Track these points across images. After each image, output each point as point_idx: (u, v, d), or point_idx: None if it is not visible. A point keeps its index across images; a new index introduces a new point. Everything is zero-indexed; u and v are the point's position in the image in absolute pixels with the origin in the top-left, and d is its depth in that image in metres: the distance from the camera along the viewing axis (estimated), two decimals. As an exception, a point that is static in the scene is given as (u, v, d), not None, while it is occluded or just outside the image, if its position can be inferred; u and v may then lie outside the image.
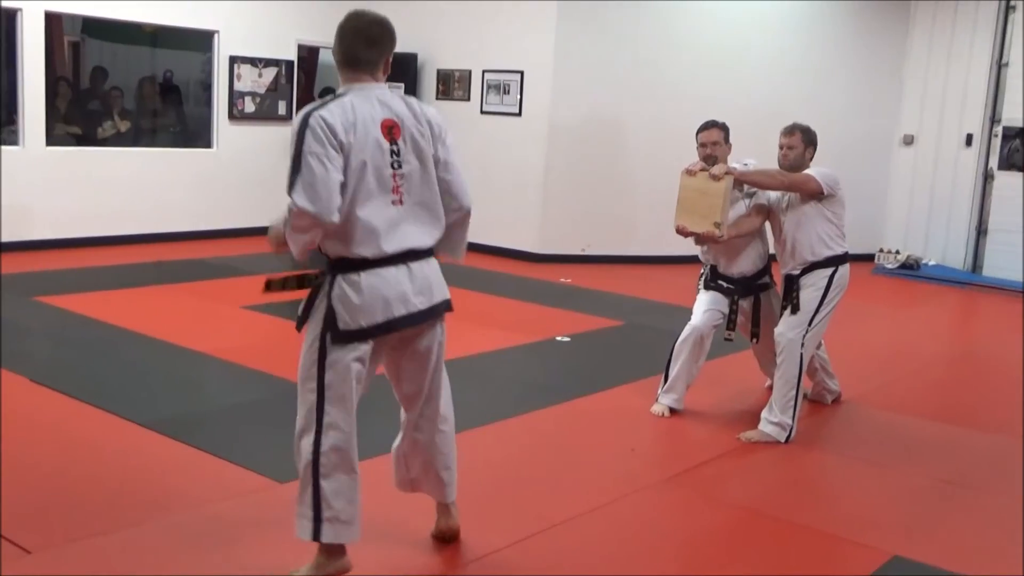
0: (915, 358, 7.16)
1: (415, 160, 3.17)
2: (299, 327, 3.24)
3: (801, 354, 5.01)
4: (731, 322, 5.32)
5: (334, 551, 3.24)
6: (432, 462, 3.62)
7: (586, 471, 4.55)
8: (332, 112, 3.01)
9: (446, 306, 3.43)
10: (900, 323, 8.70)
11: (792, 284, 5.12)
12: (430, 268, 3.31)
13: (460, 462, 4.54)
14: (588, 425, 5.21)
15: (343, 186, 3.02)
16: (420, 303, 3.25)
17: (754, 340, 5.45)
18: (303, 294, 3.39)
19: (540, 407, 5.41)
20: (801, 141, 5.16)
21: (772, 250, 5.38)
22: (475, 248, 10.76)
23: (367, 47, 3.17)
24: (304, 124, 2.99)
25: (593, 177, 10.34)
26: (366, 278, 3.12)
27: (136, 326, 6.55)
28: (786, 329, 5.06)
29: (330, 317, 3.12)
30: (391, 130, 3.11)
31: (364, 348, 3.19)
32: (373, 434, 4.21)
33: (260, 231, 10.55)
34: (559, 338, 6.97)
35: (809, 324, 5.04)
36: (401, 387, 3.55)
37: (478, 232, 11.78)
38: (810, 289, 5.06)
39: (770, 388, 5.32)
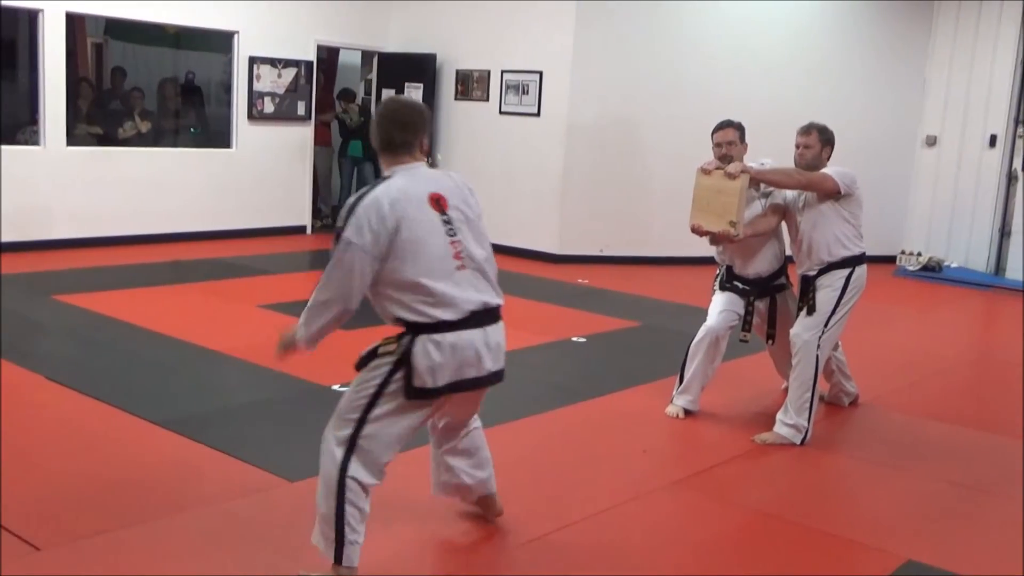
0: (935, 361, 7.08)
1: (466, 228, 3.33)
2: (358, 368, 3.43)
3: (817, 355, 4.96)
4: (747, 323, 5.28)
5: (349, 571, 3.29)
6: (468, 463, 3.76)
7: (599, 472, 4.52)
8: (379, 196, 3.18)
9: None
10: (921, 326, 8.62)
11: (808, 285, 5.07)
12: (501, 333, 3.45)
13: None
14: (602, 426, 5.18)
15: (397, 260, 3.19)
16: (490, 366, 3.39)
17: (770, 342, 5.41)
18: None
19: (555, 407, 5.39)
20: (818, 140, 5.11)
21: (788, 251, 5.33)
22: (494, 249, 10.74)
23: (402, 131, 3.33)
24: (350, 211, 3.17)
25: (611, 178, 10.31)
26: (449, 338, 3.24)
27: (153, 325, 6.57)
28: (802, 330, 5.01)
29: (405, 372, 3.26)
30: (439, 202, 3.28)
31: (427, 409, 3.33)
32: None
33: (278, 231, 10.78)
34: (575, 339, 6.94)
35: (825, 325, 4.99)
36: (442, 422, 3.69)
37: (497, 233, 11.79)
38: (827, 290, 5.01)
39: (786, 390, 5.27)
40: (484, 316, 3.33)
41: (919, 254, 11.14)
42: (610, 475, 4.48)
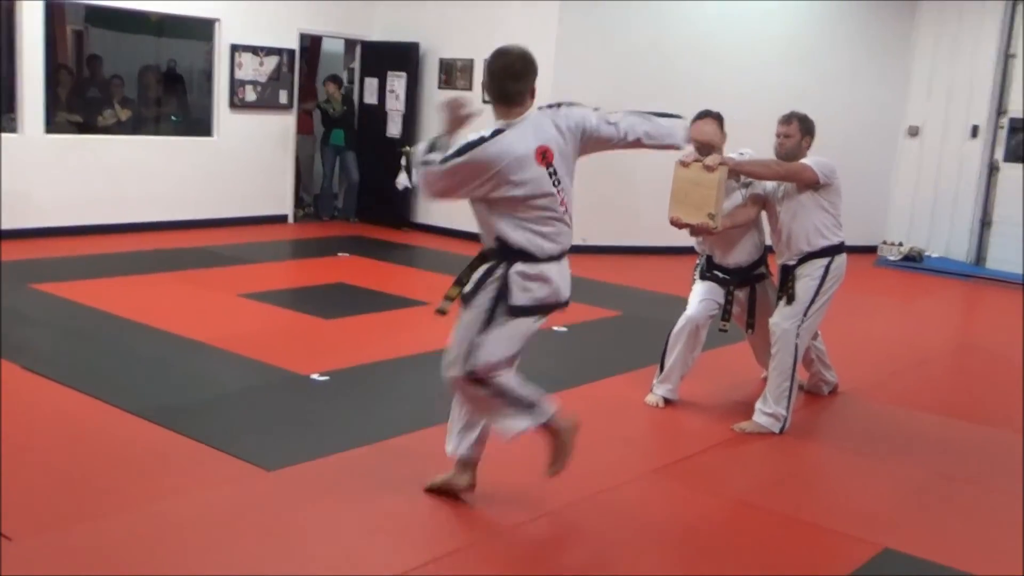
0: (915, 351, 7.11)
1: (567, 177, 3.72)
2: (466, 302, 3.80)
3: (796, 344, 4.97)
4: (727, 312, 5.28)
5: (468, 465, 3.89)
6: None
7: (579, 460, 4.49)
8: (493, 144, 3.55)
9: None
10: (901, 316, 8.65)
11: (788, 274, 5.08)
12: (567, 269, 3.83)
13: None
14: (582, 414, 5.13)
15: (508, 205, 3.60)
16: (564, 296, 3.81)
17: (749, 331, 5.41)
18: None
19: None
20: (798, 130, 5.11)
21: (768, 240, 5.34)
22: (475, 238, 10.68)
23: (514, 82, 3.63)
24: (470, 144, 3.56)
25: (594, 167, 10.16)
26: (535, 270, 3.64)
27: (132, 314, 6.53)
28: (781, 319, 5.02)
29: (503, 293, 3.66)
30: (545, 155, 3.61)
31: (529, 321, 3.77)
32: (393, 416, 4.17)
33: (260, 220, 10.72)
34: (556, 328, 6.93)
35: (804, 314, 4.99)
36: None
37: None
38: (806, 279, 5.02)
39: (765, 379, 5.28)
40: (561, 255, 3.76)
41: (900, 244, 11.19)
42: (590, 463, 4.47)
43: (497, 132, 3.59)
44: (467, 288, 3.78)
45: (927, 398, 5.93)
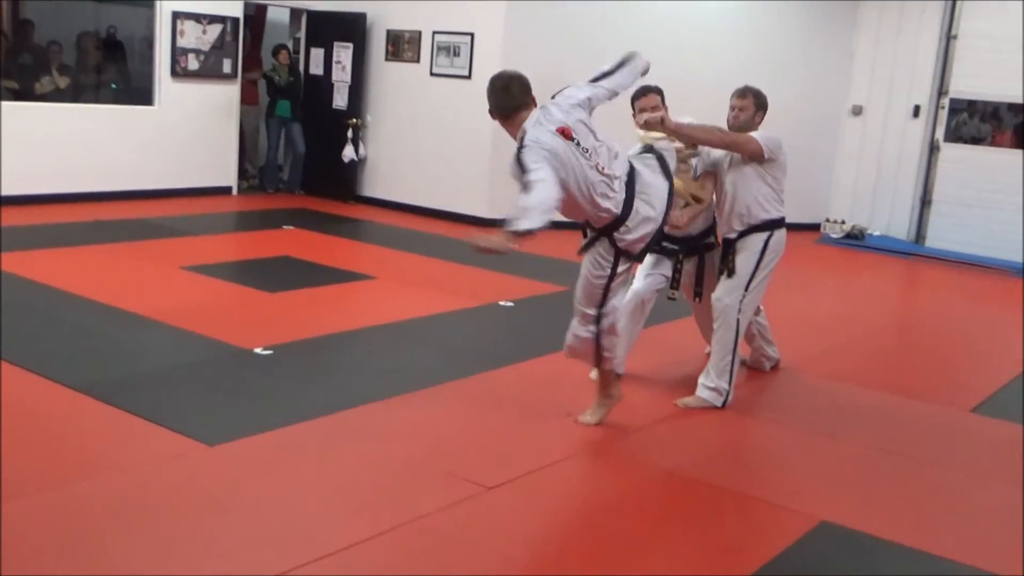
0: (856, 327, 7.23)
1: (591, 139, 4.24)
2: (581, 252, 4.53)
3: (738, 319, 5.02)
4: (675, 282, 5.30)
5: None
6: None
7: (523, 436, 4.54)
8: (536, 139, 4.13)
9: None
10: (843, 292, 8.78)
11: (728, 248, 5.12)
12: (642, 204, 4.38)
13: (397, 426, 4.53)
14: (527, 390, 5.19)
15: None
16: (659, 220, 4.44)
17: (697, 300, 5.45)
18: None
19: (480, 371, 5.38)
20: (752, 104, 5.14)
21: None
22: (422, 212, 10.73)
23: (513, 99, 4.28)
24: (529, 160, 4.09)
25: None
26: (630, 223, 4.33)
27: (71, 287, 6.40)
28: (723, 294, 5.06)
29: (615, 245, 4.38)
30: (564, 134, 4.17)
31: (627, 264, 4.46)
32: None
33: (203, 191, 10.56)
34: (503, 303, 6.94)
35: (746, 288, 5.03)
36: None
37: (426, 196, 11.71)
38: (745, 253, 5.06)
39: (709, 354, 5.33)
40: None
41: (843, 222, 11.34)
42: (534, 439, 4.50)
43: (522, 138, 4.15)
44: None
45: (866, 374, 6.03)
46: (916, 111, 11.10)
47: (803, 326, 7.01)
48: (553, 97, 4.32)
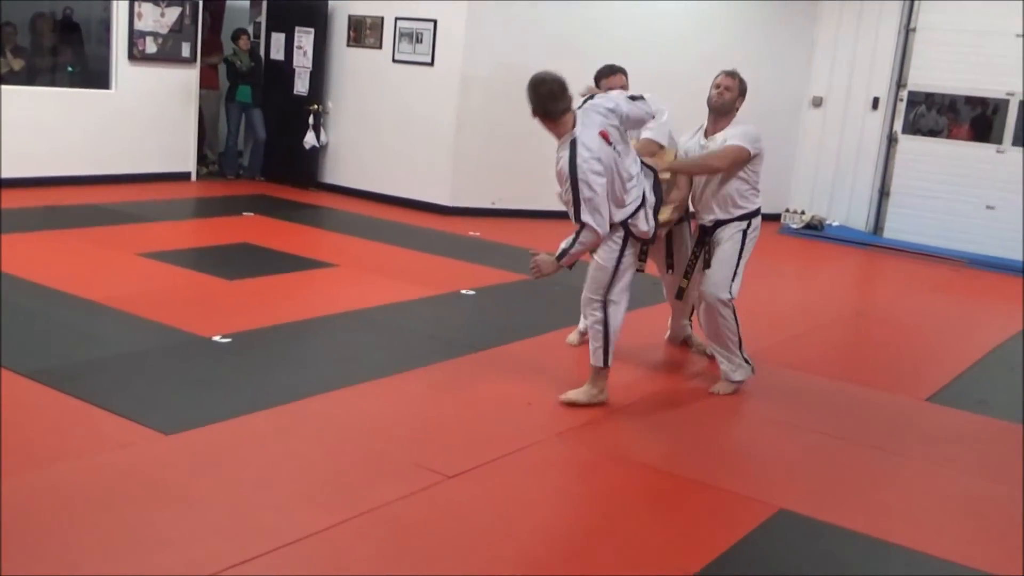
0: (815, 317, 7.29)
1: (623, 142, 4.62)
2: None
3: (732, 307, 5.14)
4: (644, 254, 5.30)
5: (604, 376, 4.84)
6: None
7: (483, 425, 4.52)
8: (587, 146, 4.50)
9: None
10: (802, 282, 8.86)
11: (704, 235, 5.20)
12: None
13: (356, 415, 4.50)
14: (487, 378, 5.18)
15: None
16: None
17: (669, 271, 5.50)
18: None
19: (441, 360, 5.36)
20: (737, 87, 5.17)
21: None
22: (385, 200, 10.66)
23: (557, 102, 4.50)
24: (580, 168, 4.51)
25: (505, 130, 10.24)
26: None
27: (24, 273, 6.28)
28: (714, 291, 5.12)
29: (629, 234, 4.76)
30: (604, 137, 4.53)
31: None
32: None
33: (161, 177, 10.41)
34: (464, 291, 6.91)
35: (733, 278, 5.13)
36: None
37: (387, 184, 11.63)
38: (728, 243, 5.13)
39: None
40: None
41: (803, 212, 11.43)
42: (495, 427, 4.49)
43: (574, 142, 4.49)
44: None
45: (824, 363, 6.08)
46: (875, 103, 11.20)
47: (762, 316, 7.04)
48: (591, 97, 4.73)
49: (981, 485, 4.35)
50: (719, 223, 5.16)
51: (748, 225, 5.17)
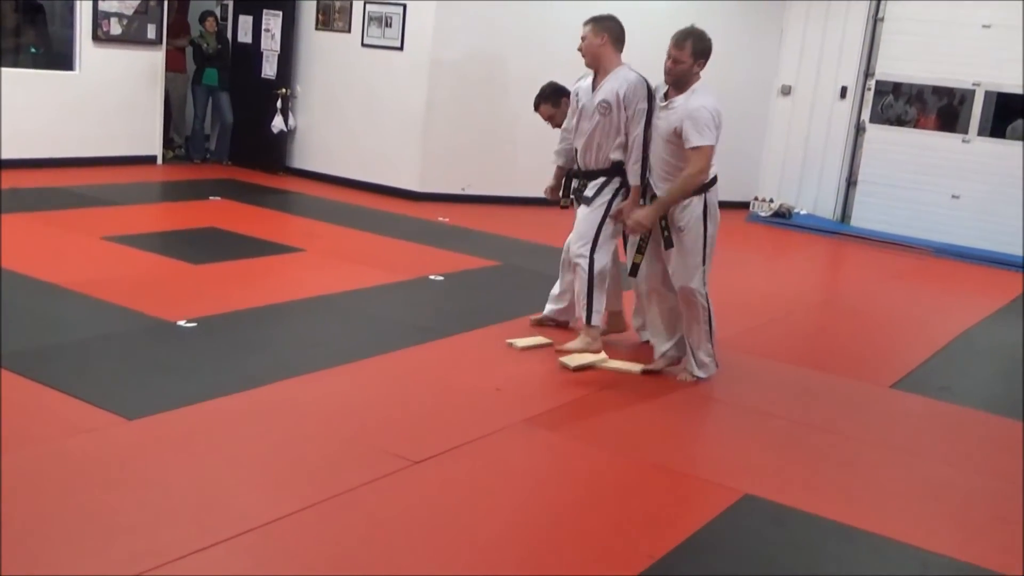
0: (782, 304, 7.33)
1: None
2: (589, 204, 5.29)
3: (705, 294, 5.08)
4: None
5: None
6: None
7: (450, 410, 4.51)
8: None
9: None
10: (770, 270, 8.91)
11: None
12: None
13: (323, 400, 4.47)
14: (456, 364, 5.17)
15: None
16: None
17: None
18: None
19: (408, 345, 5.34)
20: (691, 54, 4.93)
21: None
22: (353, 184, 10.59)
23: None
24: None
25: (475, 116, 10.22)
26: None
27: (-15, 256, 6.20)
28: (684, 280, 5.01)
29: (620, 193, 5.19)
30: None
31: None
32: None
33: (126, 160, 10.29)
34: (432, 276, 6.89)
35: (703, 264, 5.04)
36: None
37: (356, 169, 11.56)
38: (688, 230, 4.95)
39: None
40: None
41: (771, 200, 11.49)
42: (463, 413, 4.48)
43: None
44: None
45: (790, 350, 6.13)
46: (843, 92, 11.27)
47: (729, 303, 7.06)
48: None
49: (943, 471, 4.40)
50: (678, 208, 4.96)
51: (705, 205, 4.95)
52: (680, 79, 4.92)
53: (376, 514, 3.46)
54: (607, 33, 5.29)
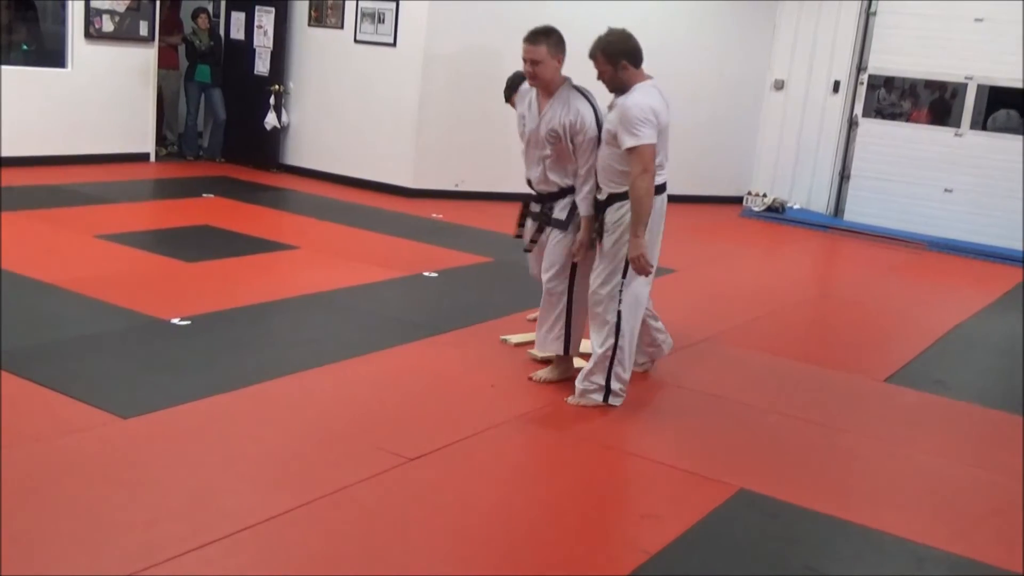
0: (776, 299, 7.34)
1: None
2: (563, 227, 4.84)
3: (619, 311, 4.55)
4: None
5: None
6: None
7: (445, 407, 4.51)
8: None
9: None
10: (764, 264, 8.91)
11: (598, 211, 4.68)
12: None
13: (317, 397, 4.47)
14: (449, 361, 5.16)
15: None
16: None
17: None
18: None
19: (403, 342, 5.34)
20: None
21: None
22: (347, 181, 10.58)
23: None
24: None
25: (468, 112, 10.20)
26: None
27: (-23, 254, 6.18)
28: (599, 284, 4.60)
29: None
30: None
31: None
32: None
33: (119, 157, 10.26)
34: (427, 273, 6.89)
35: (623, 275, 4.53)
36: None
37: (350, 165, 11.54)
38: (611, 235, 4.55)
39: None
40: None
41: (764, 195, 11.49)
42: (457, 410, 4.48)
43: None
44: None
45: (785, 344, 6.13)
46: (836, 86, 11.28)
47: (725, 298, 7.10)
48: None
49: (938, 464, 4.41)
50: (613, 197, 4.58)
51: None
52: (613, 85, 4.59)
53: (372, 511, 3.46)
54: (550, 48, 4.68)
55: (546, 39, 4.69)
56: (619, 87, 4.57)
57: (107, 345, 4.90)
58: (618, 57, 4.54)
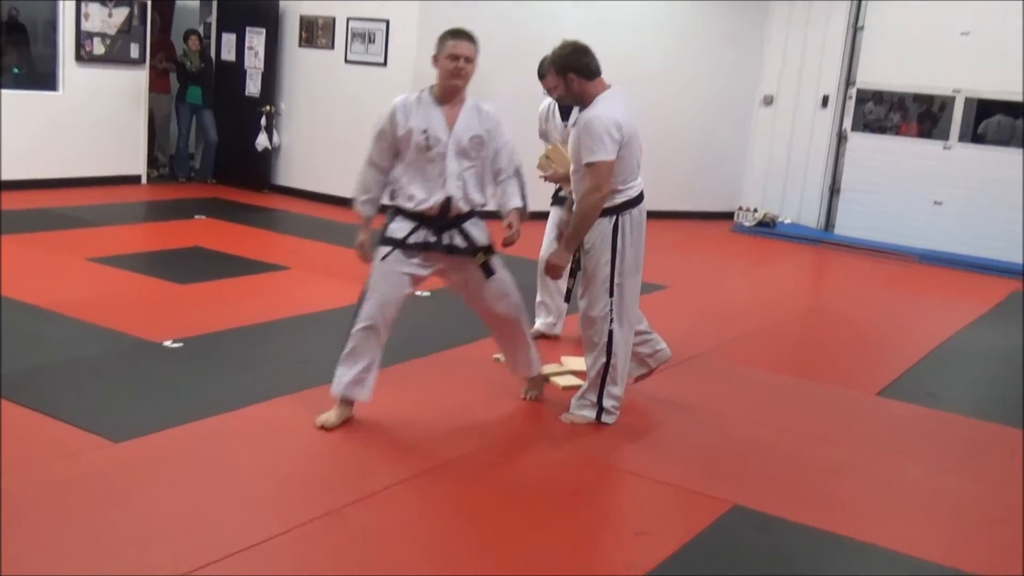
0: (768, 313, 7.35)
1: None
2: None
3: (611, 331, 4.48)
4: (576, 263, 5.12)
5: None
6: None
7: (439, 426, 4.51)
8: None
9: None
10: (755, 279, 8.93)
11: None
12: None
13: (309, 419, 4.45)
14: (442, 381, 5.16)
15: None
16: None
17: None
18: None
19: (393, 363, 5.31)
20: (554, 75, 4.49)
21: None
22: (339, 201, 10.56)
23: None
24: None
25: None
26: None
27: (-32, 279, 6.17)
28: (588, 306, 4.53)
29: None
30: None
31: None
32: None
33: (111, 180, 10.26)
34: (418, 293, 6.87)
35: (611, 294, 4.46)
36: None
37: (339, 185, 11.52)
38: (595, 252, 4.46)
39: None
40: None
41: (755, 210, 11.53)
42: (447, 429, 4.47)
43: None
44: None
45: (777, 359, 6.14)
46: (825, 101, 11.34)
47: (716, 313, 7.11)
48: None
49: (931, 477, 4.42)
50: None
51: (616, 220, 4.38)
52: (573, 100, 4.51)
53: (365, 533, 3.45)
54: (477, 51, 4.57)
55: (475, 41, 4.50)
56: (579, 101, 4.44)
57: (99, 368, 4.89)
58: (565, 71, 4.41)
